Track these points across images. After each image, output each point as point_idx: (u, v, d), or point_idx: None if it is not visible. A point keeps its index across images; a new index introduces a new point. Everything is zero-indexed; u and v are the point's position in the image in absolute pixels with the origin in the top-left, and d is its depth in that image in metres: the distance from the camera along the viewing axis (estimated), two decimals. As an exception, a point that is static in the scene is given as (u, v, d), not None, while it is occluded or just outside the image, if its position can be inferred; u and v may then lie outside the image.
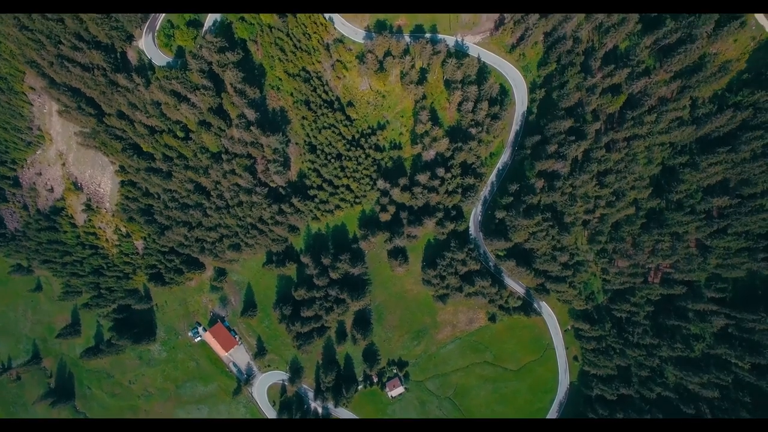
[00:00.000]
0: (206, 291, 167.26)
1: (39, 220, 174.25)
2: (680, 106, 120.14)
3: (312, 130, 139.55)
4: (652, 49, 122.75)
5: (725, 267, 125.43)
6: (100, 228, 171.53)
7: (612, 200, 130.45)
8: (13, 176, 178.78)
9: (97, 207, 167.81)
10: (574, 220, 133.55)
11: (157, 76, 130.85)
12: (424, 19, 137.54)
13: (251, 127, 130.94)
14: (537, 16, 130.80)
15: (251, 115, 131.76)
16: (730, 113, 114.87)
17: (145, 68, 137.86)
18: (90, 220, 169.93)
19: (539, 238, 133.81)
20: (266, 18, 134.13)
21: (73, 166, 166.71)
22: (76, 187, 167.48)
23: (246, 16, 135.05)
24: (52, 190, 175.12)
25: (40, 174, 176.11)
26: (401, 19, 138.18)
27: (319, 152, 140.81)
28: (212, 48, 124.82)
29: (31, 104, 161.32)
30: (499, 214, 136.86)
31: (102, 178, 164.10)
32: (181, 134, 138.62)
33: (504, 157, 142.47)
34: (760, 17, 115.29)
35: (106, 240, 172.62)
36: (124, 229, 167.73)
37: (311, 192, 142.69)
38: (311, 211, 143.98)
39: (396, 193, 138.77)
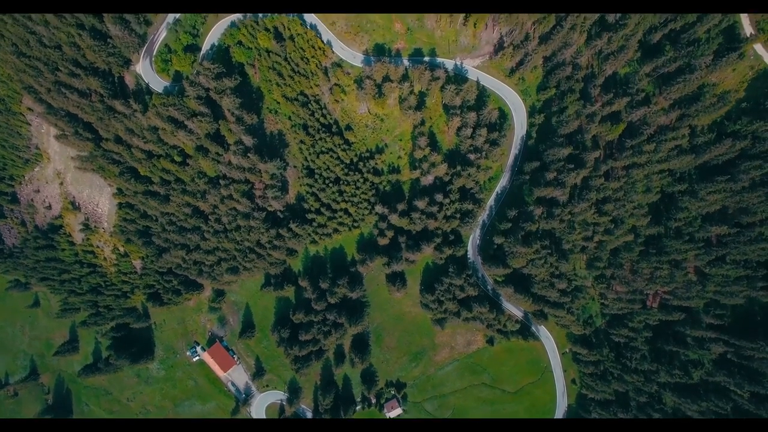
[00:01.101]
0: (204, 311, 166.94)
1: (37, 237, 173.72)
2: (679, 135, 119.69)
3: (310, 154, 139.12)
4: (651, 76, 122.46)
5: (724, 294, 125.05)
6: (98, 247, 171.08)
7: (611, 228, 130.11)
8: (11, 192, 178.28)
9: (95, 227, 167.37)
10: (572, 247, 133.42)
11: (154, 102, 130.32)
12: (423, 42, 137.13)
13: (249, 154, 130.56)
14: (536, 41, 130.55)
15: (249, 141, 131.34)
16: (729, 142, 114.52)
17: (143, 92, 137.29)
18: (88, 239, 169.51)
19: (537, 265, 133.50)
20: (264, 42, 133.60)
21: (71, 185, 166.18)
22: (74, 206, 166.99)
23: (243, 40, 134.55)
24: (50, 207, 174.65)
25: (38, 191, 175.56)
26: (400, 43, 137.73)
27: (317, 176, 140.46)
28: (209, 75, 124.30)
29: (29, 124, 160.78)
30: (498, 240, 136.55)
31: (100, 198, 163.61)
32: (178, 159, 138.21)
33: (503, 181, 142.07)
34: (758, 47, 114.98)
35: (104, 259, 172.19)
36: (122, 249, 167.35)
37: (309, 216, 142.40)
38: (309, 234, 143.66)
39: (394, 218, 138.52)
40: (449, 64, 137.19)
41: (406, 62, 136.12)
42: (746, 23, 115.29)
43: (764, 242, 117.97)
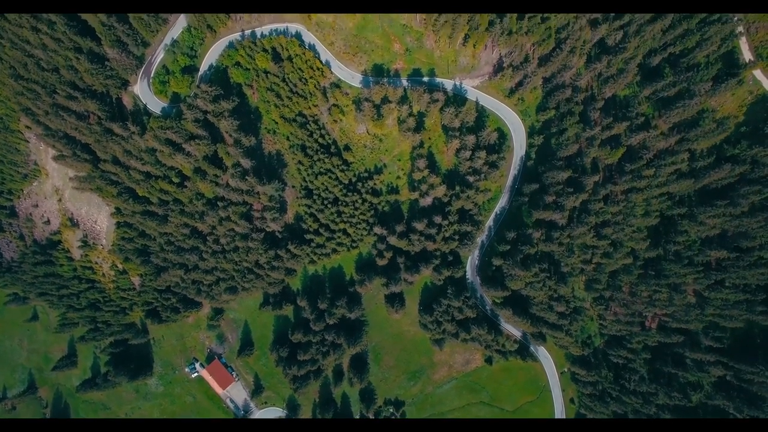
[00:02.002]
0: (203, 328, 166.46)
1: (35, 252, 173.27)
2: (678, 159, 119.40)
3: (308, 174, 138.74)
4: (651, 99, 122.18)
5: (723, 317, 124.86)
6: (96, 263, 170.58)
7: (610, 251, 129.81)
8: (9, 206, 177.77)
9: (93, 243, 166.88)
10: (571, 270, 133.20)
11: (152, 126, 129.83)
12: (422, 62, 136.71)
13: (247, 176, 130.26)
14: (536, 63, 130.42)
15: (247, 163, 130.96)
16: (729, 167, 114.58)
17: (140, 114, 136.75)
18: (86, 255, 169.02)
19: (536, 287, 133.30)
20: (262, 63, 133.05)
21: (69, 202, 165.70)
22: (72, 223, 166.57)
23: (241, 61, 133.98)
24: (48, 222, 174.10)
25: (37, 206, 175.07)
26: (398, 63, 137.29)
27: (315, 197, 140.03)
28: (207, 97, 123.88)
29: (28, 141, 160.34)
30: (497, 262, 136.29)
31: (98, 215, 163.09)
32: (176, 180, 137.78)
33: (502, 202, 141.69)
34: (757, 73, 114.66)
35: (103, 275, 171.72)
36: (120, 266, 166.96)
37: (307, 236, 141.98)
38: (307, 255, 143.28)
39: (393, 239, 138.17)
40: (448, 84, 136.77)
41: (404, 83, 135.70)
42: (745, 48, 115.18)
43: (763, 267, 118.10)
